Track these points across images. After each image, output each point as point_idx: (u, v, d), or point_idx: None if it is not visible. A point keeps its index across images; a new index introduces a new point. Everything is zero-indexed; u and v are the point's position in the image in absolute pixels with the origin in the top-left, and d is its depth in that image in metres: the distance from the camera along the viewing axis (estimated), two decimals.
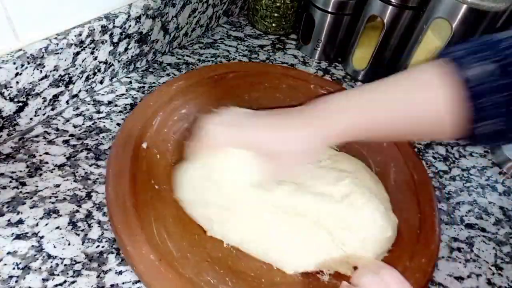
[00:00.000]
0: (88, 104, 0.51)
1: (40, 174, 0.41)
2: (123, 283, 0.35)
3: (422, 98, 0.31)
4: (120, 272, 0.35)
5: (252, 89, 0.52)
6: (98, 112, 0.50)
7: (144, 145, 0.40)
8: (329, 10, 0.61)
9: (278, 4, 0.68)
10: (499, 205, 0.49)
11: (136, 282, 0.35)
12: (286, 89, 0.52)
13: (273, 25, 0.71)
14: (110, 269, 0.35)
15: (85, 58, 0.48)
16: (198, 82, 0.48)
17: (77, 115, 0.49)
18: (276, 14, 0.69)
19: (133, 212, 0.34)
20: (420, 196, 0.42)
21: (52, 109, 0.47)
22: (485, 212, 0.48)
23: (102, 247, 0.37)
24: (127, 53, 0.54)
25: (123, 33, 0.51)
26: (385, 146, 0.47)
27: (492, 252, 0.44)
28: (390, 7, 0.56)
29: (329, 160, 0.44)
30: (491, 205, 0.49)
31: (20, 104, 0.43)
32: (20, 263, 0.34)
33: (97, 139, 0.46)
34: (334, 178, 0.40)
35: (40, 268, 0.34)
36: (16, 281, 0.33)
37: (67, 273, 0.35)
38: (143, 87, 0.55)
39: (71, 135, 0.46)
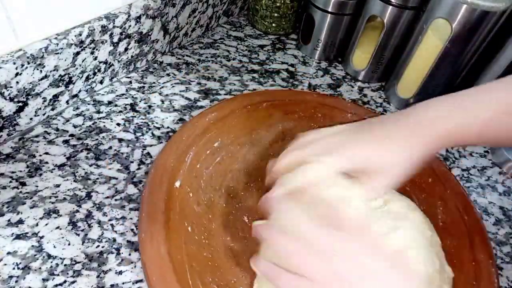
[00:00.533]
0: (88, 104, 0.51)
1: (40, 174, 0.41)
2: (123, 283, 0.35)
3: None
4: (120, 272, 0.35)
5: (286, 119, 0.50)
6: (98, 112, 0.50)
7: (177, 184, 0.40)
8: (329, 10, 0.61)
9: (278, 4, 0.68)
10: (499, 205, 0.49)
11: (136, 282, 0.35)
12: (322, 118, 0.51)
13: (273, 25, 0.71)
14: (110, 269, 0.36)
15: (85, 58, 0.48)
16: (231, 112, 0.48)
17: (77, 115, 0.49)
18: (276, 14, 0.69)
19: (169, 262, 0.33)
20: (473, 240, 0.38)
21: (52, 109, 0.48)
22: (485, 212, 0.48)
23: (102, 247, 0.37)
24: (127, 53, 0.54)
25: (123, 33, 0.51)
26: (431, 182, 0.44)
27: None
28: (390, 7, 0.56)
29: (380, 199, 0.39)
30: (491, 205, 0.49)
31: (20, 104, 0.43)
32: (20, 263, 0.35)
33: (97, 139, 0.46)
34: (387, 227, 0.34)
35: (40, 268, 0.34)
36: (16, 281, 0.33)
37: (67, 273, 0.35)
38: (143, 87, 0.55)
39: (71, 135, 0.46)
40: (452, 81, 0.56)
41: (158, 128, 0.49)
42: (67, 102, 0.49)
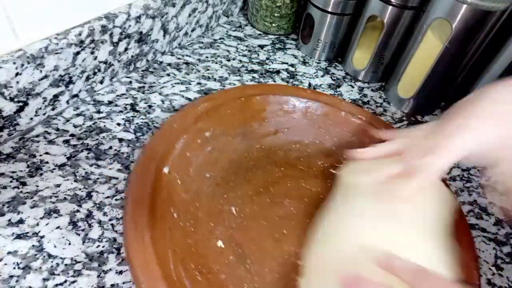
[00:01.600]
0: (88, 104, 0.51)
1: (41, 174, 0.41)
2: (123, 283, 0.35)
3: None
4: (121, 272, 0.35)
5: (278, 113, 0.50)
6: (98, 112, 0.50)
7: (166, 170, 0.39)
8: (329, 10, 0.61)
9: (278, 4, 0.68)
10: (499, 205, 0.49)
11: None
12: (315, 114, 0.51)
13: (273, 25, 0.71)
14: (110, 269, 0.36)
15: (85, 58, 0.48)
16: (224, 104, 0.47)
17: (77, 115, 0.49)
18: (276, 14, 0.69)
19: (151, 246, 0.33)
20: (457, 240, 0.37)
21: (52, 109, 0.48)
22: (485, 212, 0.48)
23: (103, 247, 0.37)
24: (127, 53, 0.54)
25: (123, 33, 0.51)
26: None
27: (492, 252, 0.44)
28: (390, 7, 0.56)
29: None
30: (491, 205, 0.49)
31: (20, 104, 0.43)
32: (21, 262, 0.35)
33: (97, 139, 0.46)
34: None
35: (40, 267, 0.34)
36: (17, 281, 0.33)
37: (68, 273, 0.35)
38: (143, 87, 0.55)
39: (72, 135, 0.46)
40: (452, 81, 0.56)
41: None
42: (67, 102, 0.49)
